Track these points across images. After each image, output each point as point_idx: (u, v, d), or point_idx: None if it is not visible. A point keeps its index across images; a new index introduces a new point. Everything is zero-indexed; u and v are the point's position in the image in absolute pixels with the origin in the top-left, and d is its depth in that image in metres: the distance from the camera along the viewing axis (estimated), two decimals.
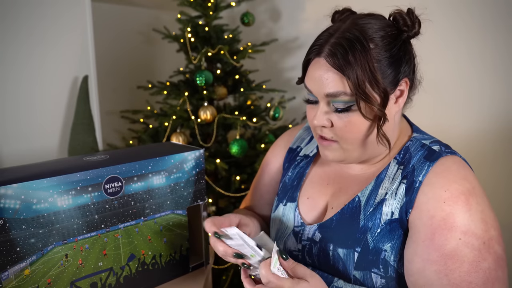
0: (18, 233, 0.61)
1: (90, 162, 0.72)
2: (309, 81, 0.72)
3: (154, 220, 0.78)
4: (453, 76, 1.55)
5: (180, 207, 0.82)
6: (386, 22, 0.72)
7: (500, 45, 1.46)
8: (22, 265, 0.62)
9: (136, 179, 0.74)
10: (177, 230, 0.83)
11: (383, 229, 0.70)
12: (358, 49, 0.66)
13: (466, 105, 1.55)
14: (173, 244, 0.83)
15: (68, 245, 0.67)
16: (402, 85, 0.72)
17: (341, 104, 0.68)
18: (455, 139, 1.61)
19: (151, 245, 0.79)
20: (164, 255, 0.81)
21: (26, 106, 1.47)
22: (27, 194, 0.61)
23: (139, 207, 0.75)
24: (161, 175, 0.77)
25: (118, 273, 0.75)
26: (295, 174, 0.87)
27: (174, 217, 0.81)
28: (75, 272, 0.69)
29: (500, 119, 1.52)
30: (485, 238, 0.63)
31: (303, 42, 2.00)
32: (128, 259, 0.75)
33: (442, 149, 0.72)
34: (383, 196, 0.72)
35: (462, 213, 0.64)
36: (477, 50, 1.49)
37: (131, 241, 0.75)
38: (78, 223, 0.68)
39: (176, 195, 0.81)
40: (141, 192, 0.75)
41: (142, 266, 0.78)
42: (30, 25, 1.43)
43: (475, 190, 0.66)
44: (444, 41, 1.52)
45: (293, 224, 0.82)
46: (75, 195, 0.66)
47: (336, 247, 0.73)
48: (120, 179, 0.71)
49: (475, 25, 1.50)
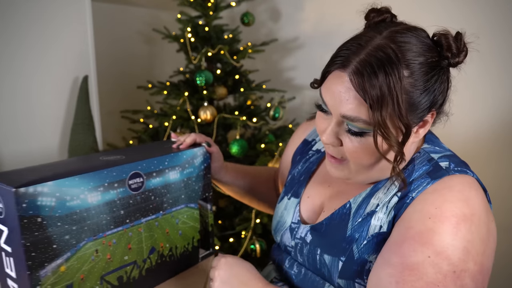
0: (54, 230, 0.61)
1: (111, 160, 0.74)
2: (326, 93, 0.64)
3: (171, 214, 0.81)
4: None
5: (192, 201, 0.86)
6: (428, 44, 0.62)
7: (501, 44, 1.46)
8: (58, 262, 0.63)
9: (155, 175, 0.76)
10: (190, 223, 0.86)
11: (370, 241, 0.66)
12: (389, 75, 0.57)
13: (468, 104, 1.55)
14: (187, 236, 0.86)
15: (98, 241, 0.68)
16: (428, 116, 0.64)
17: (356, 128, 0.61)
18: (455, 139, 1.60)
19: (169, 237, 0.82)
20: (179, 247, 0.85)
21: (26, 106, 1.47)
22: (61, 191, 0.62)
23: (158, 201, 0.77)
24: (176, 170, 0.80)
25: (141, 266, 0.77)
26: (304, 168, 0.86)
27: (187, 211, 0.85)
28: (104, 267, 0.70)
29: (502, 118, 1.52)
30: (458, 268, 0.55)
31: (303, 42, 2.00)
32: (149, 252, 0.78)
33: (451, 166, 0.64)
34: (374, 207, 0.67)
35: (444, 234, 0.57)
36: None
37: (152, 234, 0.78)
38: (106, 219, 0.69)
39: (189, 189, 0.84)
40: (159, 187, 0.77)
41: (160, 258, 0.81)
42: (30, 25, 1.43)
43: (474, 218, 0.58)
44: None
45: (291, 220, 0.82)
46: (103, 192, 0.68)
47: (323, 252, 0.72)
48: (141, 175, 0.73)
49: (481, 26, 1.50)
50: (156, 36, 1.85)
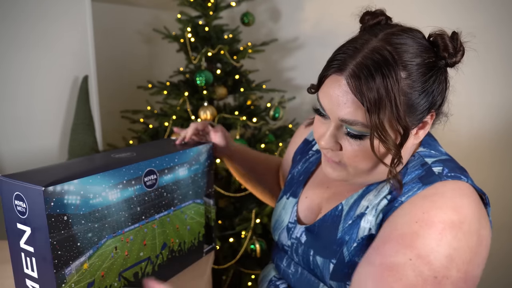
0: (78, 228, 0.62)
1: (124, 157, 0.74)
2: (324, 97, 0.63)
3: (180, 210, 0.83)
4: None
5: (199, 197, 0.87)
6: (424, 45, 0.61)
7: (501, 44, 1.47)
8: (82, 260, 0.63)
9: (167, 172, 0.77)
10: (197, 218, 0.88)
11: (359, 243, 0.65)
12: (386, 77, 0.56)
13: (467, 103, 1.55)
14: (194, 231, 0.88)
15: (117, 238, 0.69)
16: (427, 117, 0.64)
17: (355, 131, 0.61)
18: (455, 137, 1.61)
19: (178, 233, 0.83)
20: (187, 242, 0.87)
21: (26, 106, 1.47)
22: (85, 189, 0.62)
23: (169, 198, 0.79)
24: (184, 167, 0.82)
25: (154, 261, 0.78)
26: (303, 169, 0.87)
27: (194, 206, 0.87)
28: (122, 264, 0.71)
29: (500, 118, 1.52)
30: (440, 274, 0.54)
31: (303, 42, 2.00)
32: (161, 248, 0.79)
33: (444, 172, 0.63)
34: (363, 209, 0.67)
35: (429, 239, 0.56)
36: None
37: (164, 230, 0.79)
38: (124, 216, 0.70)
39: (195, 186, 0.86)
40: (170, 183, 0.79)
41: (171, 254, 0.82)
42: (30, 25, 1.43)
43: (462, 226, 0.56)
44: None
45: (288, 220, 0.82)
46: (122, 189, 0.69)
47: (315, 254, 0.72)
48: (155, 172, 0.75)
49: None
50: (156, 36, 1.85)
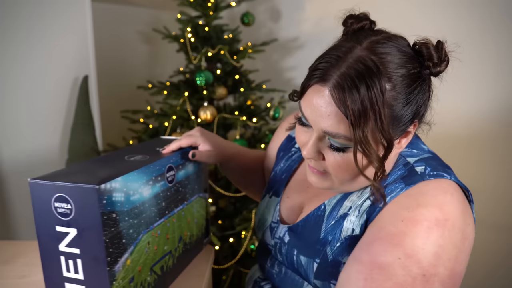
0: (123, 225, 0.63)
1: (146, 156, 0.76)
2: (306, 107, 0.61)
3: (191, 204, 0.85)
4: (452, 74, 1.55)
5: (201, 191, 0.90)
6: (409, 54, 0.60)
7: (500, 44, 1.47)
8: (126, 256, 0.64)
9: (181, 167, 0.80)
10: (201, 211, 0.91)
11: (343, 243, 0.65)
12: (371, 88, 0.55)
13: (466, 103, 1.55)
14: (199, 224, 0.90)
15: (149, 233, 0.70)
16: (410, 127, 0.63)
17: (338, 144, 0.60)
18: (455, 137, 1.61)
19: (189, 226, 0.85)
20: (195, 234, 0.89)
21: (26, 106, 1.47)
22: (127, 186, 0.63)
23: (183, 192, 0.81)
24: (192, 163, 0.84)
25: (174, 254, 0.80)
26: (286, 166, 0.86)
27: (199, 200, 0.89)
28: (153, 258, 0.72)
29: (499, 116, 1.52)
30: (428, 272, 0.55)
31: (303, 42, 2.00)
32: (178, 241, 0.81)
33: (427, 171, 0.62)
34: (346, 209, 0.67)
35: (415, 238, 0.56)
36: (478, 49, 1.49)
37: (180, 224, 0.81)
38: (154, 211, 0.71)
39: (199, 180, 0.88)
40: (183, 179, 0.81)
41: (184, 246, 0.84)
42: (30, 25, 1.43)
43: (447, 223, 0.57)
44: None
45: (271, 219, 0.82)
46: (152, 185, 0.70)
47: (299, 253, 0.72)
48: (173, 168, 0.77)
49: (475, 26, 1.50)
50: (156, 36, 1.85)
